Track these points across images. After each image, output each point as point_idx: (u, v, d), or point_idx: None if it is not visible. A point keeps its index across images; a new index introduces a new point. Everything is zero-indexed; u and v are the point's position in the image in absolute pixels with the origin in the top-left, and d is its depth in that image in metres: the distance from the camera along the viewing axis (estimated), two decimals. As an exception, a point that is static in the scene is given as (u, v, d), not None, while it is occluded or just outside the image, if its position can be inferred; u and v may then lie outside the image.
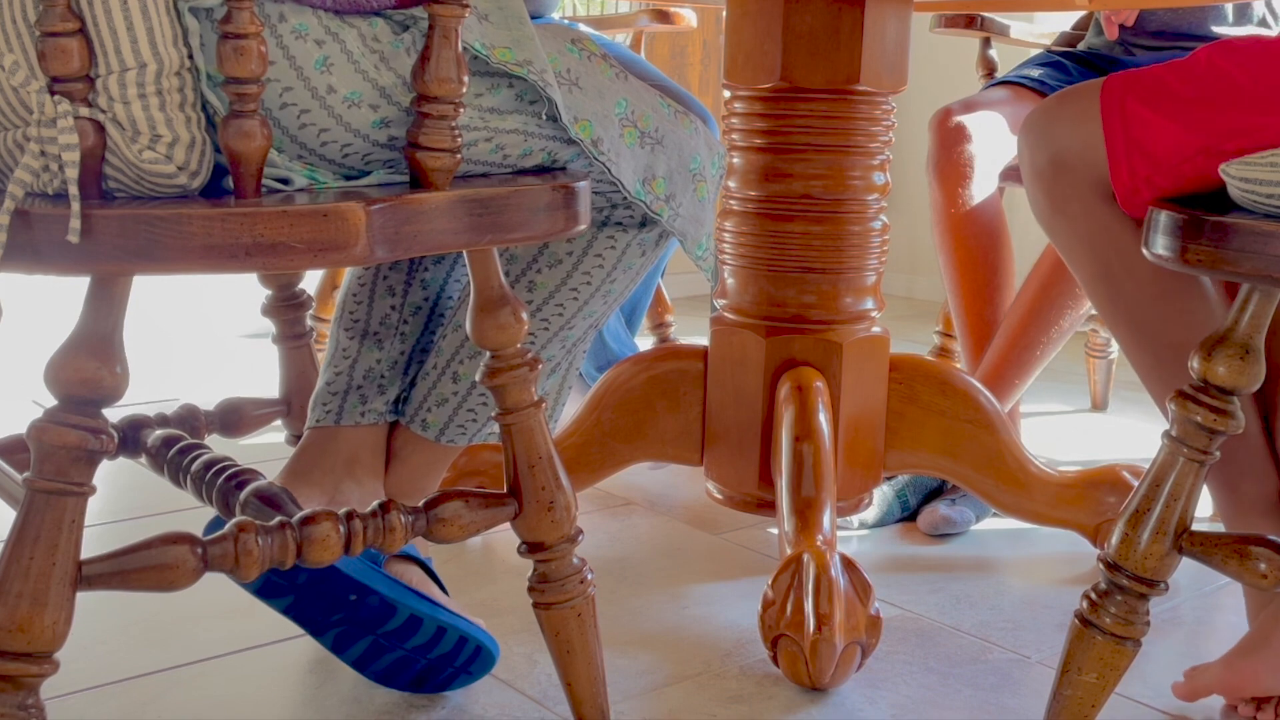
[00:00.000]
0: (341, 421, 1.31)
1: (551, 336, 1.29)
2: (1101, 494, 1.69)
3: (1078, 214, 1.27)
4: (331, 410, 1.32)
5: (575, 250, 1.26)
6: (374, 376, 1.33)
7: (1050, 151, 1.27)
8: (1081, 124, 1.24)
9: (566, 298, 1.27)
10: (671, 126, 1.22)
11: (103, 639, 1.44)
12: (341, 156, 1.02)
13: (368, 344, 1.33)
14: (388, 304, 1.34)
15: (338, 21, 0.99)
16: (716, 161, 1.28)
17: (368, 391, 1.32)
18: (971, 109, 1.99)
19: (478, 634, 1.30)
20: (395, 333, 1.34)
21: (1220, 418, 1.06)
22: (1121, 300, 1.29)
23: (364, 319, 1.34)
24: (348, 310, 1.35)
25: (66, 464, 0.92)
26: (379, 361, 1.33)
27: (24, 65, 0.89)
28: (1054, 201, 1.29)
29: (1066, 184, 1.26)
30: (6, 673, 0.91)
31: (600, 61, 1.15)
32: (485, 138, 1.07)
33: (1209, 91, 1.16)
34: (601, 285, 1.28)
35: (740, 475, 1.67)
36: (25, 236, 0.87)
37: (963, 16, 2.29)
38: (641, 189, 1.19)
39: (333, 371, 1.33)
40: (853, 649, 1.33)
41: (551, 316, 1.28)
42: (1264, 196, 1.01)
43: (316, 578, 1.21)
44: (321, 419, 1.32)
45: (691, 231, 1.26)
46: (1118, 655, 1.12)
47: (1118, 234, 1.26)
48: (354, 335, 1.34)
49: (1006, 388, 1.92)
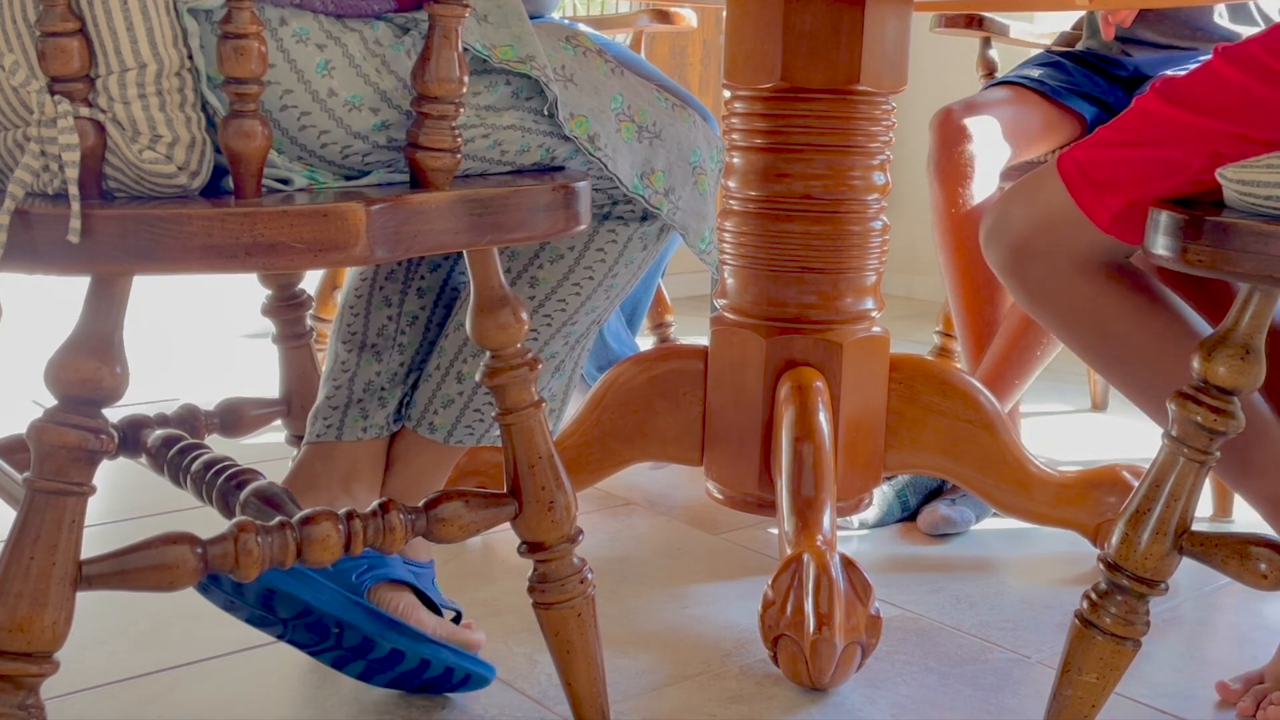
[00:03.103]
0: (342, 437, 1.31)
1: (555, 332, 1.29)
2: (1101, 494, 1.69)
3: (1057, 291, 1.30)
4: (332, 425, 1.31)
5: (577, 245, 1.26)
6: (374, 390, 1.32)
7: (1016, 236, 1.30)
8: (1041, 196, 1.28)
9: (569, 293, 1.27)
10: (670, 120, 1.22)
11: (103, 639, 1.44)
12: (342, 157, 1.02)
13: (366, 356, 1.33)
14: (384, 315, 1.34)
15: (339, 25, 0.99)
16: (716, 155, 1.28)
17: (368, 405, 1.32)
18: (972, 109, 1.99)
19: (465, 663, 1.28)
20: (393, 344, 1.33)
21: (1220, 418, 1.06)
22: (1121, 366, 1.32)
23: (361, 331, 1.34)
24: (345, 323, 1.35)
25: (66, 464, 0.92)
26: (378, 374, 1.32)
27: (24, 65, 0.89)
28: (1030, 284, 1.32)
29: (1039, 264, 1.30)
30: (6, 673, 0.91)
31: (595, 57, 1.15)
32: (482, 134, 1.07)
33: (1155, 137, 1.20)
34: (604, 280, 1.28)
35: (740, 475, 1.67)
36: (25, 236, 0.87)
37: (963, 16, 2.29)
38: (640, 183, 1.19)
39: (332, 385, 1.33)
40: (853, 649, 1.33)
41: (554, 312, 1.28)
42: (1263, 198, 1.01)
43: (301, 613, 1.20)
44: (322, 434, 1.31)
45: (693, 225, 1.26)
46: (1118, 655, 1.12)
47: (1101, 304, 1.29)
48: (352, 348, 1.33)
49: (1006, 388, 1.92)
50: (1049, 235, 1.27)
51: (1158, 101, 1.21)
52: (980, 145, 1.95)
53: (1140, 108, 1.23)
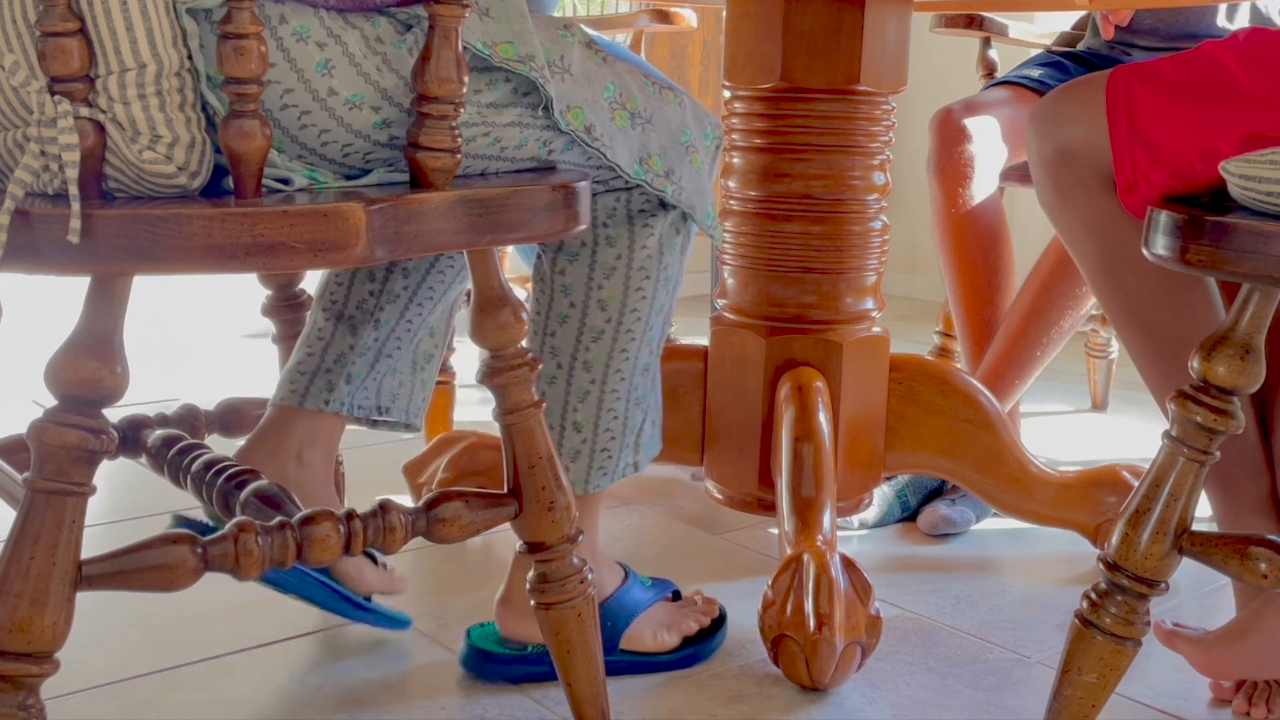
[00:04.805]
0: (305, 404, 1.33)
1: (640, 344, 1.29)
2: (1101, 494, 1.69)
3: (1082, 204, 1.28)
4: (296, 390, 1.34)
5: (623, 254, 1.27)
6: (345, 363, 1.34)
7: (1057, 141, 1.28)
8: (1088, 115, 1.24)
9: (637, 301, 1.28)
10: (658, 104, 1.23)
11: (103, 639, 1.44)
12: (342, 156, 1.02)
13: (342, 328, 1.34)
14: (366, 289, 1.35)
15: (340, 22, 0.99)
16: (710, 132, 1.29)
17: (335, 377, 1.34)
18: (972, 109, 1.99)
19: (381, 621, 1.44)
20: (370, 319, 1.35)
21: (1220, 418, 1.06)
22: (1123, 293, 1.30)
23: (342, 301, 1.35)
24: (328, 291, 1.37)
25: (66, 464, 0.92)
26: (351, 348, 1.34)
27: (24, 65, 0.89)
28: (1060, 191, 1.29)
29: (1072, 174, 1.27)
30: (6, 673, 0.91)
31: (586, 48, 1.16)
32: (483, 132, 1.08)
33: (1210, 87, 1.17)
34: (658, 274, 1.29)
35: (740, 475, 1.67)
36: (25, 236, 0.87)
37: (963, 16, 2.29)
38: (640, 169, 1.20)
39: (305, 351, 1.35)
40: (853, 649, 1.33)
41: (634, 325, 1.28)
42: (1264, 194, 1.01)
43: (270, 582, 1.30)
44: (285, 398, 1.34)
45: (698, 203, 1.27)
46: (1118, 655, 1.12)
47: (1122, 226, 1.26)
48: (330, 317, 1.35)
49: (1006, 388, 1.92)
50: (1091, 147, 1.24)
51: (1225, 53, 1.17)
52: (980, 145, 1.95)
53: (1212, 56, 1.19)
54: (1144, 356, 1.31)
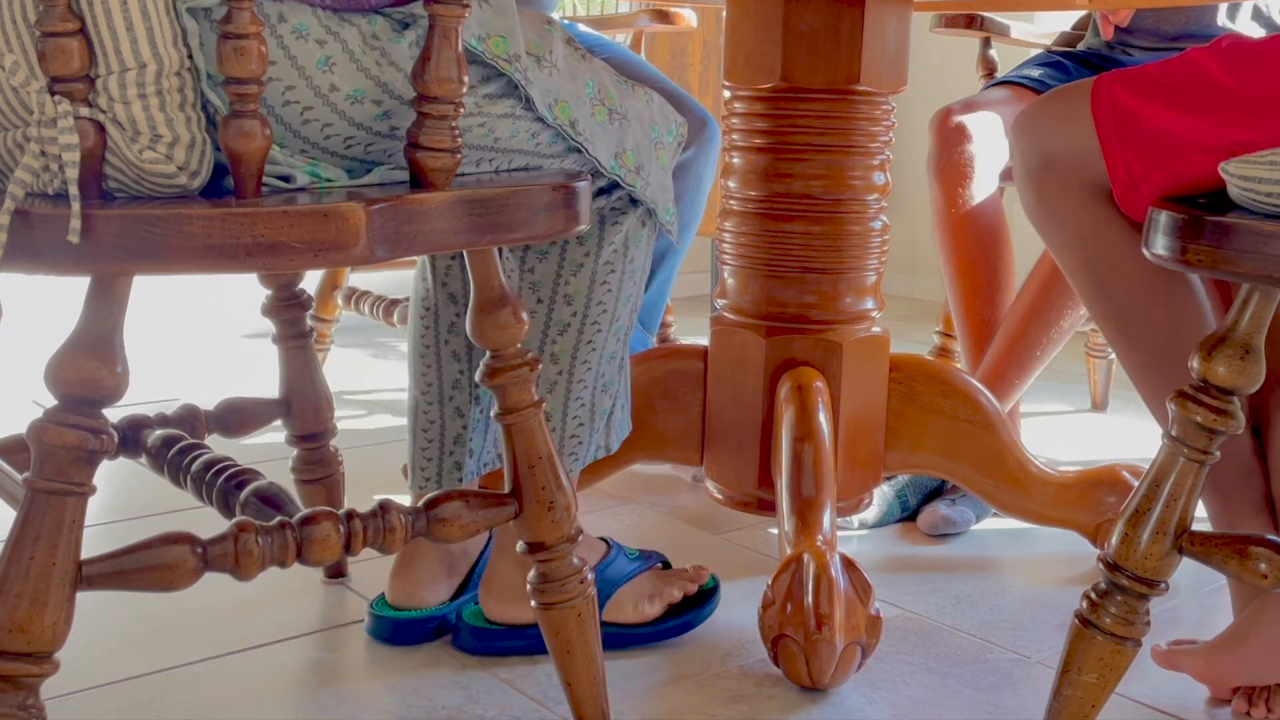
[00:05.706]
0: (442, 485, 1.40)
1: (606, 335, 1.32)
2: (1101, 494, 1.69)
3: (1067, 213, 1.28)
4: (431, 478, 1.40)
5: (591, 249, 1.29)
6: (463, 442, 1.40)
7: (1041, 150, 1.28)
8: (1072, 122, 1.24)
9: (603, 295, 1.31)
10: (631, 101, 1.25)
11: (103, 639, 1.44)
12: (345, 148, 1.02)
13: (449, 411, 1.39)
14: (456, 369, 1.39)
15: (337, 20, 0.99)
16: (674, 129, 1.32)
17: (460, 457, 1.40)
18: (972, 109, 1.99)
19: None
20: (469, 398, 1.39)
21: (1220, 418, 1.06)
22: (1110, 300, 1.30)
23: (437, 383, 1.39)
24: (419, 369, 1.40)
25: (66, 464, 0.92)
26: (464, 429, 1.39)
27: (24, 65, 0.89)
28: (1044, 200, 1.29)
29: (1057, 183, 1.27)
30: (6, 673, 0.91)
31: (566, 45, 1.19)
32: (480, 123, 1.09)
33: (1192, 91, 1.17)
34: (624, 268, 1.31)
35: (740, 475, 1.67)
36: (25, 236, 0.87)
37: (963, 16, 2.29)
38: (615, 163, 1.23)
39: (423, 435, 1.40)
40: (853, 649, 1.33)
41: (599, 318, 1.31)
42: (1264, 195, 1.01)
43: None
44: (423, 485, 1.40)
45: (661, 199, 1.30)
46: (1118, 655, 1.12)
47: (1107, 234, 1.26)
48: (432, 400, 1.40)
49: (1006, 388, 1.92)
50: (1076, 155, 1.24)
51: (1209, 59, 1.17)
52: (980, 145, 1.95)
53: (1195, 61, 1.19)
54: (1133, 362, 1.31)
